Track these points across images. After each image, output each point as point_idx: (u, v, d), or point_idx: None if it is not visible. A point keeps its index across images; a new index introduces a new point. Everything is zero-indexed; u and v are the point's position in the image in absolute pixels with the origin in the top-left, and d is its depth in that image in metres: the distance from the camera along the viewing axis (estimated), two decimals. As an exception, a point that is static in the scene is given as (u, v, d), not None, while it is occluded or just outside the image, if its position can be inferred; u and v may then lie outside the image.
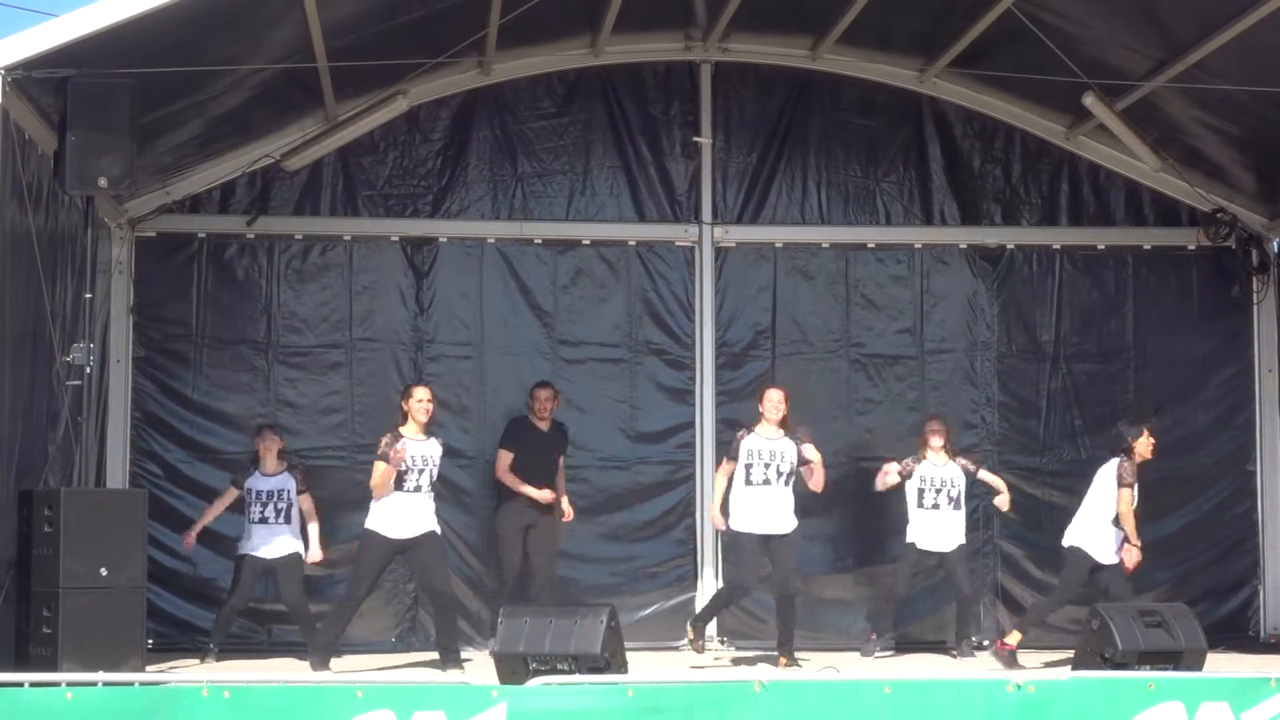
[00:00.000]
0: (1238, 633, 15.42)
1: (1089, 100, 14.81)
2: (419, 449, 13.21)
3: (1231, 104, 14.28)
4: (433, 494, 13.32)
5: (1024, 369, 15.91)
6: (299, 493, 14.08)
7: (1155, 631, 11.90)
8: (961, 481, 14.48)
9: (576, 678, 10.83)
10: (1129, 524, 13.47)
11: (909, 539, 14.49)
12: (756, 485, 13.47)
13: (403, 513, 13.13)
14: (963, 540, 14.47)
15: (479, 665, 13.14)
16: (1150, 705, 9.95)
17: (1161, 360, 15.84)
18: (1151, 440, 13.66)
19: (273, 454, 14.11)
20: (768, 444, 13.55)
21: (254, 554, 13.95)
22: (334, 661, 13.33)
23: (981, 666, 13.86)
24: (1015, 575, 15.62)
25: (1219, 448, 15.77)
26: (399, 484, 13.10)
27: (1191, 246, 16.03)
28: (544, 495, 14.21)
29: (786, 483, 13.52)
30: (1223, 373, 16.01)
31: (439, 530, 13.33)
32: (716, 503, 13.74)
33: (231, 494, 14.13)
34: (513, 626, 11.66)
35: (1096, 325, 15.96)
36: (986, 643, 15.27)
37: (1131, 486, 13.50)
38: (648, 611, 15.28)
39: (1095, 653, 11.99)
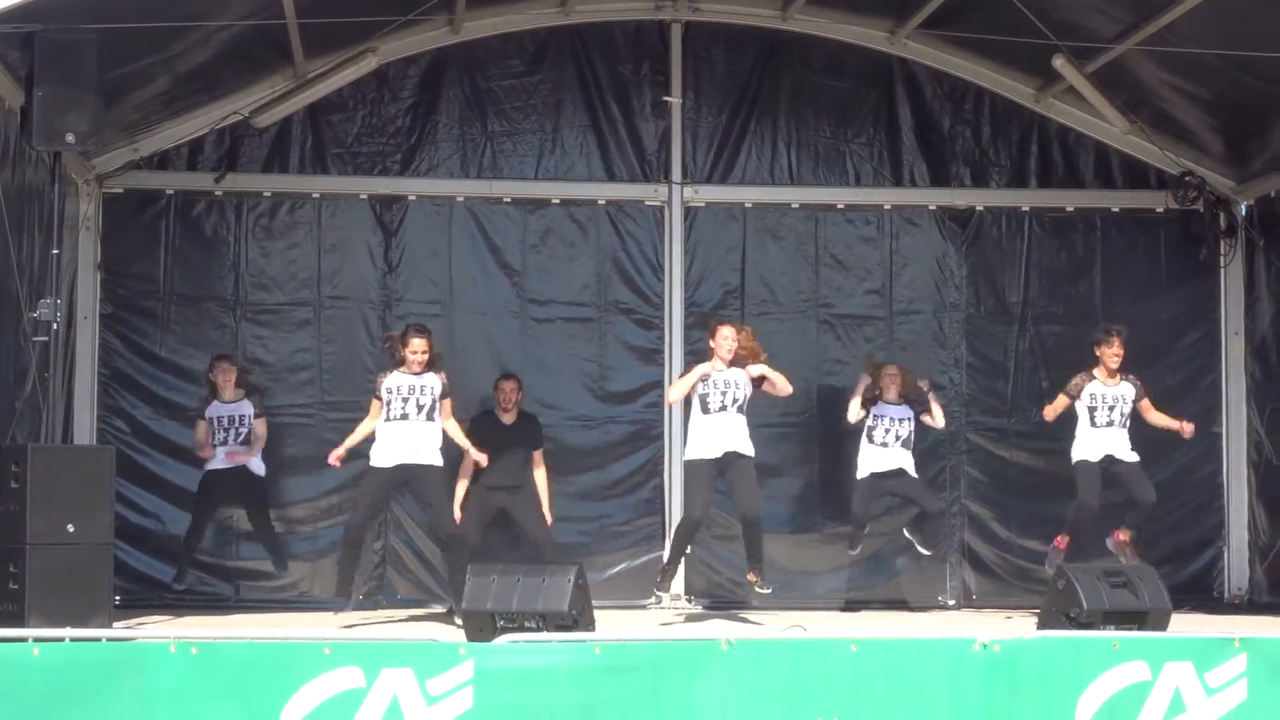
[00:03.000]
0: (1202, 593, 15.50)
1: (1059, 62, 14.81)
2: (406, 380, 13.11)
3: (1200, 67, 14.28)
4: (434, 424, 13.12)
5: (992, 330, 15.94)
6: (255, 417, 14.09)
7: (1120, 592, 11.95)
8: (911, 426, 14.48)
9: (544, 635, 10.82)
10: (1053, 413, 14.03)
11: (860, 473, 14.45)
12: (714, 413, 13.30)
13: (386, 440, 13.09)
14: (914, 474, 14.46)
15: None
16: (1115, 665, 10.03)
17: (1129, 322, 15.69)
18: (1115, 351, 13.91)
19: (230, 382, 14.10)
20: (721, 375, 13.37)
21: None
22: (300, 617, 13.32)
23: (948, 624, 13.92)
24: (982, 536, 15.65)
25: (1185, 410, 15.69)
26: (385, 413, 13.08)
27: (1160, 209, 16.06)
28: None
29: (741, 409, 13.38)
30: (1190, 335, 16.06)
31: (439, 463, 13.16)
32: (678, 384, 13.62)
33: (203, 427, 14.09)
34: (480, 584, 11.65)
35: (1064, 287, 15.99)
36: (953, 602, 15.39)
37: (1073, 394, 13.99)
38: (615, 570, 15.29)
39: (1061, 612, 12.03)
